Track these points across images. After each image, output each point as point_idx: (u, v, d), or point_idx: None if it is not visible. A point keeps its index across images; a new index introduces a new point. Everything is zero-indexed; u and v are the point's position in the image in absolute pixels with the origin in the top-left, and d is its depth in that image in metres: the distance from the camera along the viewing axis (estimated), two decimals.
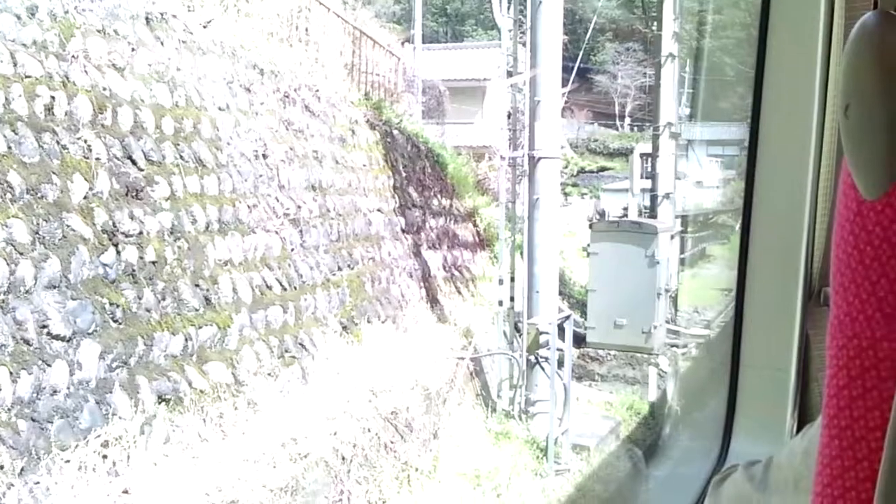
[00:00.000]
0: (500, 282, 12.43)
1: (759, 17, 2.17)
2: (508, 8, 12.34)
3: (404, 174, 13.74)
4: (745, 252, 2.29)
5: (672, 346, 14.78)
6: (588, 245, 15.97)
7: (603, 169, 32.71)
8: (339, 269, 10.38)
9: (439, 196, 15.25)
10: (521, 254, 12.14)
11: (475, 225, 16.59)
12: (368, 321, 10.51)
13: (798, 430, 2.04)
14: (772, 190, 2.23)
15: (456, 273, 14.48)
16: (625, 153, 31.82)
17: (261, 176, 9.19)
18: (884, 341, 0.72)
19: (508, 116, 12.90)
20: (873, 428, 0.72)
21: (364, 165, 12.27)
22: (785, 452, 1.18)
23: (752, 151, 2.27)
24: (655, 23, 17.04)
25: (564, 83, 14.25)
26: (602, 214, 29.19)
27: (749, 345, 2.32)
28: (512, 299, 12.22)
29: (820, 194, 2.02)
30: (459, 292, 14.04)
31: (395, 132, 14.20)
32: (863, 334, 0.74)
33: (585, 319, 15.20)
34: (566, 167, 29.57)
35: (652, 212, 17.67)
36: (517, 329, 11.99)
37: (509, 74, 12.48)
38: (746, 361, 2.33)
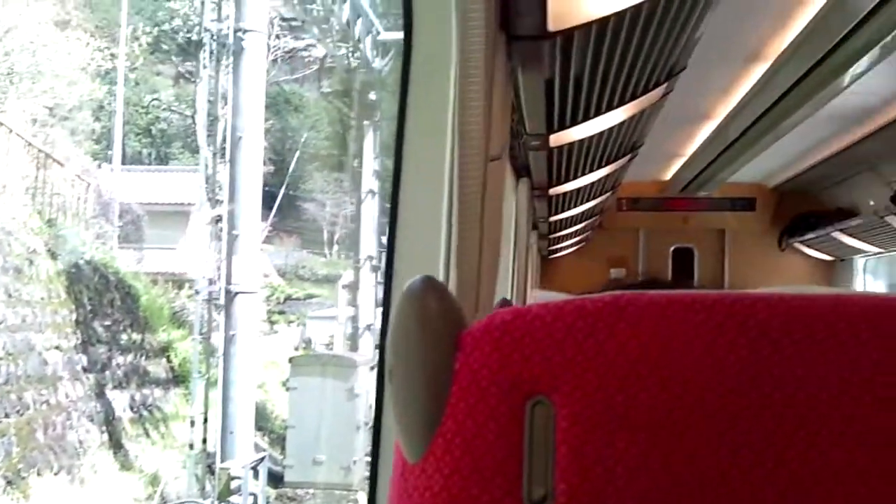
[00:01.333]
0: (192, 423, 11.81)
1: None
2: (210, 138, 12.18)
3: (89, 307, 12.82)
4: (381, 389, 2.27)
5: None
6: (287, 379, 15.69)
7: (310, 296, 32.73)
8: (6, 415, 9.33)
9: (129, 330, 14.38)
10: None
11: (169, 360, 15.76)
12: (38, 473, 9.47)
13: None
14: None
15: (145, 413, 13.57)
16: (333, 280, 32.07)
17: None
18: None
19: (208, 248, 12.56)
20: None
21: (42, 299, 11.31)
22: None
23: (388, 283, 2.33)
24: (357, 160, 17.63)
25: (270, 211, 14.20)
26: (308, 343, 28.99)
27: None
28: (205, 441, 11.62)
29: None
30: (148, 434, 13.14)
31: (82, 262, 13.30)
32: None
33: (284, 457, 14.76)
34: (272, 295, 29.21)
35: (354, 343, 17.81)
36: (211, 472, 11.37)
37: (212, 203, 12.23)
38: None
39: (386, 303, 2.39)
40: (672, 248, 9.80)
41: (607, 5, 2.12)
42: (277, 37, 23.43)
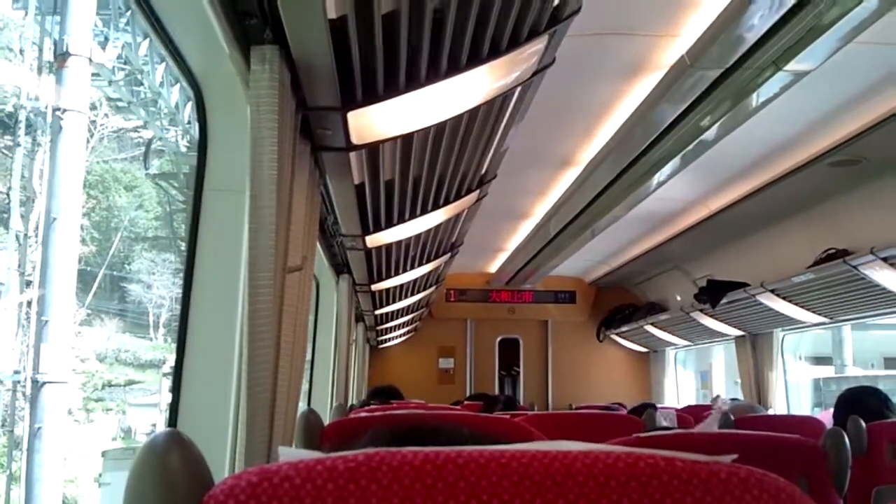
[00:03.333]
0: None
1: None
2: (24, 217, 11.53)
3: None
4: None
5: None
6: (100, 475, 14.71)
7: (132, 382, 31.08)
8: None
9: None
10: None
11: None
12: None
13: None
14: None
15: None
16: (158, 365, 30.69)
17: None
18: None
19: (15, 334, 11.76)
20: None
21: None
22: None
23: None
24: (183, 242, 17.13)
25: (90, 292, 13.50)
26: (128, 432, 27.43)
27: None
28: None
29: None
30: None
31: None
32: None
33: None
34: (89, 382, 27.55)
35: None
36: None
37: (22, 286, 11.51)
38: None
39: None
40: (499, 339, 10.00)
41: (409, 123, 2.15)
42: (106, 115, 22.65)
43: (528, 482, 0.68)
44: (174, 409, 2.31)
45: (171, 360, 24.01)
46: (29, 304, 11.21)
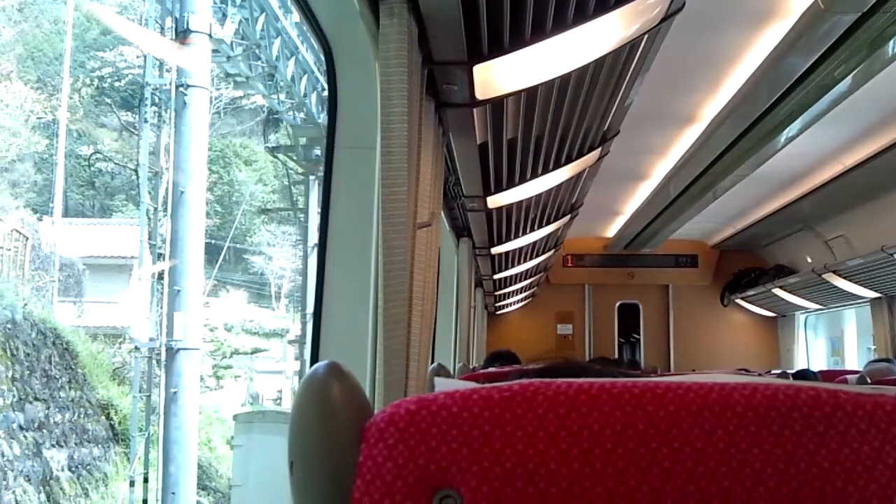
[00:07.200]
0: (132, 483, 11.44)
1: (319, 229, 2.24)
2: (152, 192, 12.00)
3: (26, 364, 12.40)
4: None
5: None
6: (232, 437, 15.31)
7: (258, 350, 32.27)
8: None
9: (68, 387, 13.92)
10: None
11: (109, 418, 15.29)
12: None
13: None
14: None
15: (84, 473, 13.09)
16: (281, 334, 31.75)
17: None
18: None
19: (149, 303, 12.31)
20: None
21: None
22: None
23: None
24: (303, 214, 17.54)
25: (216, 264, 13.98)
26: (256, 398, 28.51)
27: None
28: (145, 501, 11.26)
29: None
30: (87, 495, 12.67)
31: (18, 317, 12.90)
32: None
33: None
34: (218, 350, 28.73)
35: None
36: None
37: (154, 258, 12.02)
38: None
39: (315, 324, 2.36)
40: (618, 304, 9.88)
41: (534, 76, 2.13)
42: (217, 88, 23.31)
43: (684, 413, 0.67)
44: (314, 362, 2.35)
45: (294, 329, 24.71)
46: (160, 275, 11.70)
